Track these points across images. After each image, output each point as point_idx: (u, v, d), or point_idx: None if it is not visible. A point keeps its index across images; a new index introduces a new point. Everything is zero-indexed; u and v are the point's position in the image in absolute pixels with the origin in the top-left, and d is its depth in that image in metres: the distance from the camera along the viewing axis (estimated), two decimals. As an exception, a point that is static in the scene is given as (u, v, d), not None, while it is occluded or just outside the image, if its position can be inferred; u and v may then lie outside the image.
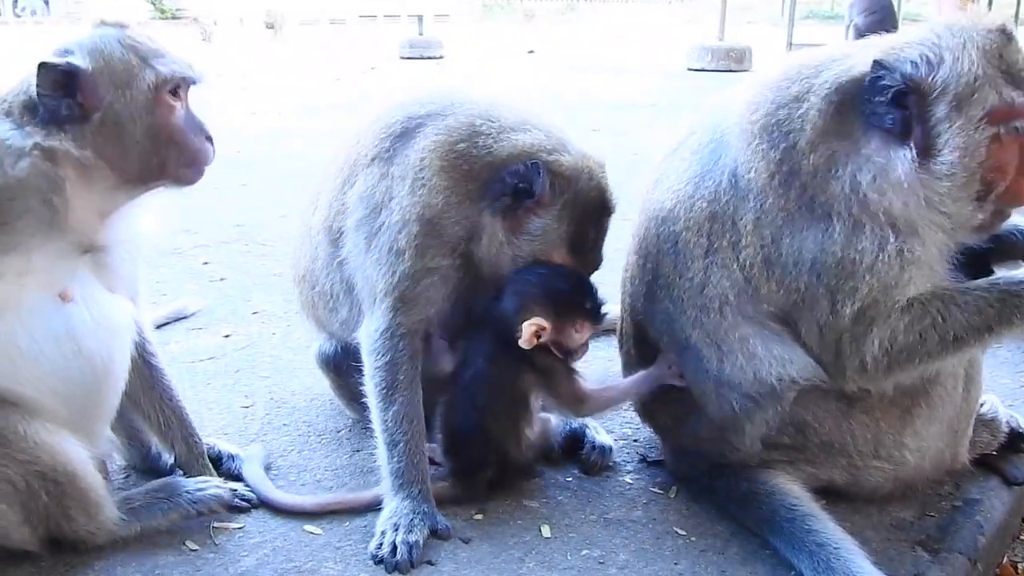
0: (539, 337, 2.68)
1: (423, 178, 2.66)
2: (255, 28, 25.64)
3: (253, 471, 2.85)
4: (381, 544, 2.49)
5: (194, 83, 2.54)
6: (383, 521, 2.57)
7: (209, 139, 2.56)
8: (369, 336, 2.75)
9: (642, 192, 2.91)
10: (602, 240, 2.83)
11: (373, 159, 2.79)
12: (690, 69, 15.91)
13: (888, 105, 2.37)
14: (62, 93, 2.34)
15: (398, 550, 2.46)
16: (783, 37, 17.85)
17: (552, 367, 2.77)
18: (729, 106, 2.69)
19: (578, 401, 2.81)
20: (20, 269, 2.33)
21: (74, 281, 2.44)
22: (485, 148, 2.69)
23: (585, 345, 2.81)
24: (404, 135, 2.77)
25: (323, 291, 3.02)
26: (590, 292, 2.77)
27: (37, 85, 2.32)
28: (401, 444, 2.67)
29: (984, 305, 2.42)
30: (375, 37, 21.90)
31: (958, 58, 2.34)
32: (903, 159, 2.37)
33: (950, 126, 2.33)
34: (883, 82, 2.36)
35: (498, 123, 2.73)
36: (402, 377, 2.70)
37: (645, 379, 2.80)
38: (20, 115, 2.36)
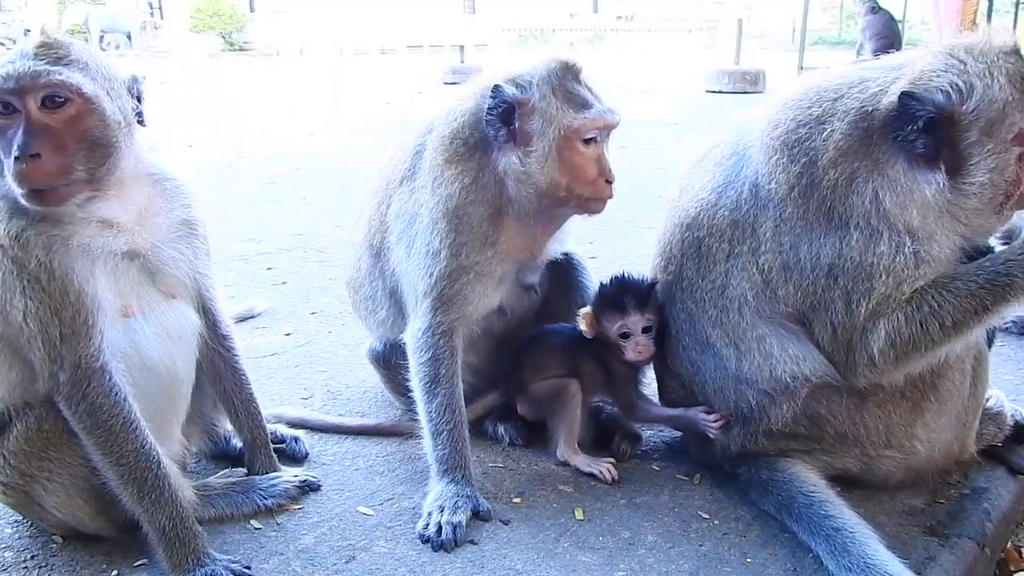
0: (592, 327, 2.83)
1: (436, 177, 2.68)
2: (315, 57, 25.92)
3: (297, 411, 3.21)
4: (428, 524, 2.47)
5: None
6: (429, 503, 2.55)
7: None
8: (413, 335, 2.75)
9: (668, 201, 2.87)
10: (596, 93, 2.69)
11: (402, 180, 2.84)
12: (708, 91, 15.76)
13: (919, 132, 2.30)
14: None
15: (443, 530, 2.44)
16: (794, 61, 17.62)
17: (611, 366, 2.86)
18: (751, 122, 2.65)
19: (630, 408, 2.90)
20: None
21: (133, 295, 2.34)
22: (462, 119, 2.70)
23: (631, 343, 2.79)
24: (418, 153, 2.82)
25: (365, 295, 3.10)
26: (623, 286, 2.82)
27: None
28: (444, 433, 2.65)
29: (976, 288, 2.34)
30: (421, 65, 21.99)
31: (988, 85, 2.27)
32: (931, 182, 2.33)
33: (982, 149, 2.28)
34: (913, 111, 2.29)
35: (465, 99, 2.75)
36: (443, 372, 2.69)
37: (684, 415, 2.76)
38: None
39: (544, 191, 2.61)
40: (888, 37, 15.66)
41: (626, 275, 2.85)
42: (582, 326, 2.84)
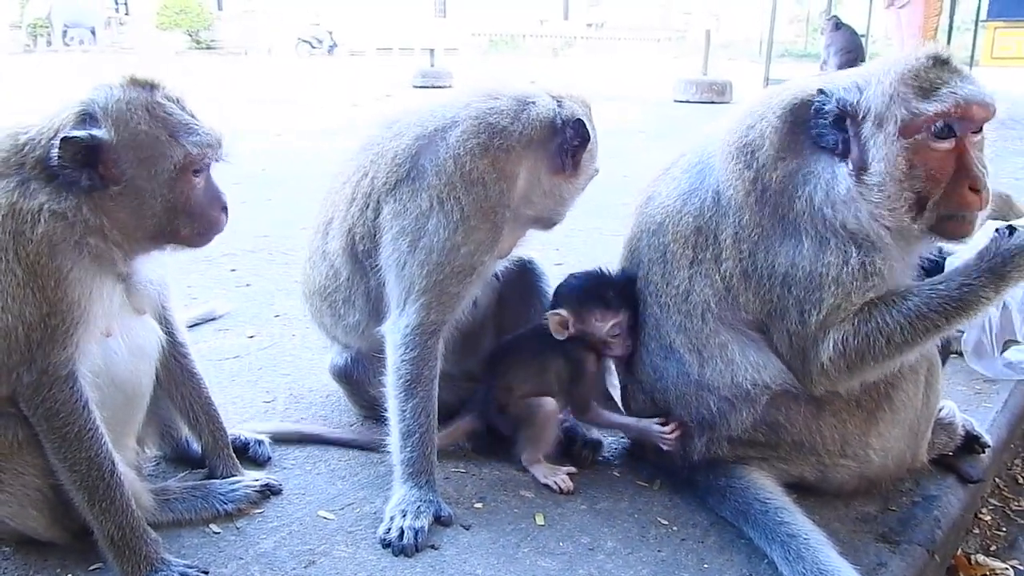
0: (567, 328, 2.83)
1: (473, 177, 2.63)
2: (283, 58, 25.75)
3: (266, 424, 3.12)
4: (389, 529, 2.47)
5: (219, 160, 2.35)
6: (391, 508, 2.55)
7: (224, 209, 2.40)
8: (399, 331, 2.69)
9: (635, 207, 2.91)
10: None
11: (396, 183, 2.72)
12: (676, 100, 15.91)
13: (830, 127, 2.42)
14: (82, 163, 2.13)
15: (405, 535, 2.44)
16: (761, 72, 17.88)
17: (582, 363, 2.85)
18: (716, 133, 2.72)
19: (584, 409, 2.89)
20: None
21: (115, 316, 2.33)
22: (512, 126, 2.68)
23: (619, 339, 2.80)
24: (421, 152, 2.71)
25: (338, 300, 3.00)
26: (606, 283, 2.83)
27: (59, 157, 2.11)
28: (416, 435, 2.63)
29: (927, 311, 2.41)
30: (391, 68, 21.92)
31: (880, 80, 2.40)
32: (843, 175, 2.42)
33: (875, 142, 2.38)
34: (825, 107, 2.42)
35: (505, 99, 2.75)
36: (426, 372, 2.67)
37: (640, 426, 2.78)
38: (37, 173, 2.15)
39: None
40: (852, 52, 15.90)
41: (604, 271, 2.87)
42: (554, 330, 2.83)
